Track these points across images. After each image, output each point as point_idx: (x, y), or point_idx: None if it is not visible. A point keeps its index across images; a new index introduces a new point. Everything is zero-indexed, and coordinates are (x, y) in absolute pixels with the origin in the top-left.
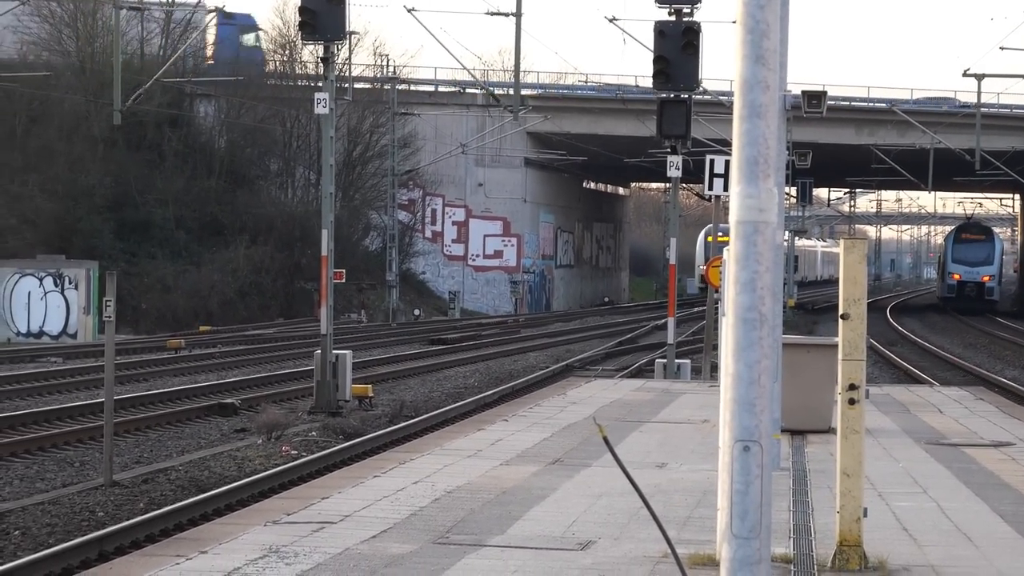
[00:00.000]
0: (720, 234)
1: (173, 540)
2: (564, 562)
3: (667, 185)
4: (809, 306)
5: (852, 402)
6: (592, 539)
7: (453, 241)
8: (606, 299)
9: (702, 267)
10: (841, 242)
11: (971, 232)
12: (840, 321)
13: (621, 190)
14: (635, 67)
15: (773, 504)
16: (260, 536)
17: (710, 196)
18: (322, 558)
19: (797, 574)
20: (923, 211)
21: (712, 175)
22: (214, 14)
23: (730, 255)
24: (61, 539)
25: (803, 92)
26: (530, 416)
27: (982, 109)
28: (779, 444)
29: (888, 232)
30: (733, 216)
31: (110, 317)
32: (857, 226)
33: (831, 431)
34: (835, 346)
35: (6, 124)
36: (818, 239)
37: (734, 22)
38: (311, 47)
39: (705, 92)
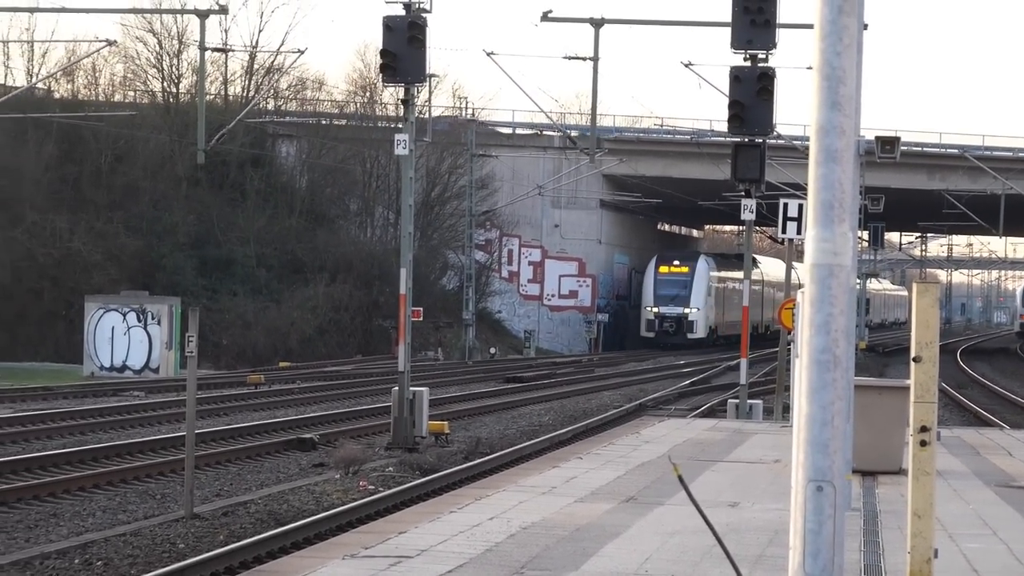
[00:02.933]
0: (673, 263)
1: (253, 572)
2: None
3: (741, 228)
4: (880, 348)
5: (923, 444)
6: None
7: (529, 281)
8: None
9: (649, 306)
10: (914, 286)
11: None
12: (912, 364)
13: (695, 232)
14: (710, 111)
15: (844, 544)
16: (338, 569)
17: (783, 239)
18: None
19: None
20: (994, 256)
21: (786, 218)
22: (296, 57)
23: (805, 298)
24: (142, 570)
25: (877, 138)
26: (604, 454)
27: None
28: (851, 485)
29: (959, 276)
30: (808, 259)
31: (192, 352)
32: (928, 270)
33: (901, 472)
34: (906, 388)
35: (92, 162)
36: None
37: (809, 68)
38: (391, 89)
39: (779, 136)
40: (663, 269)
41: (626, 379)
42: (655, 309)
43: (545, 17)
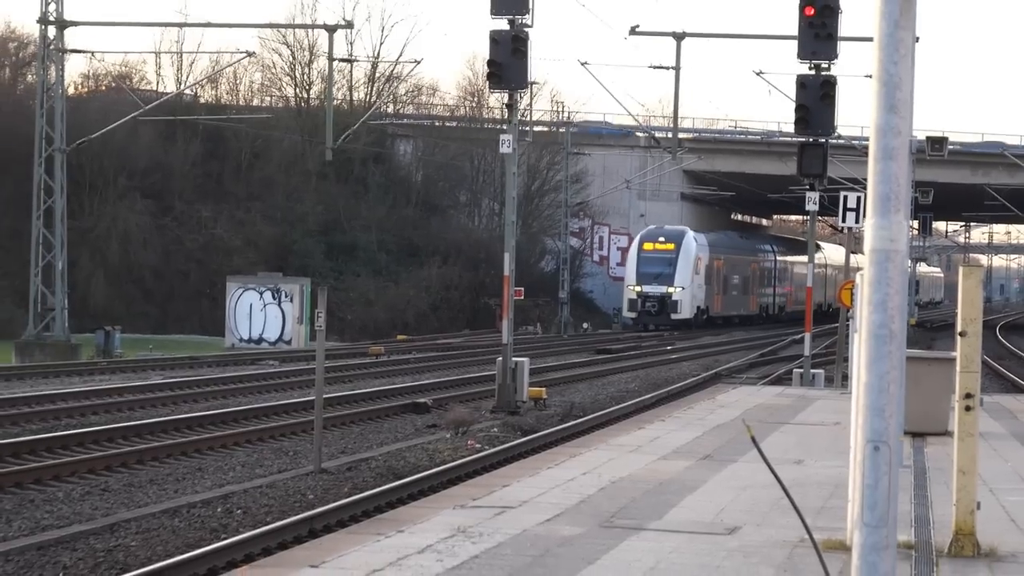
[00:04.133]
0: (658, 240)
1: (374, 520)
2: (713, 545)
3: (805, 217)
4: (928, 324)
5: (968, 409)
6: (738, 525)
7: (617, 264)
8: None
9: (632, 285)
10: (960, 269)
11: None
12: (958, 338)
13: (764, 221)
14: (778, 114)
15: (898, 497)
16: (449, 518)
17: (843, 227)
18: (503, 538)
19: (918, 559)
20: None
21: (846, 209)
22: (414, 66)
23: (864, 279)
24: (277, 518)
25: (927, 138)
26: (683, 417)
27: None
28: (903, 445)
29: (998, 261)
30: (868, 245)
31: (321, 326)
32: (971, 255)
33: (947, 434)
34: (952, 360)
35: (233, 159)
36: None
37: (868, 76)
38: (497, 95)
39: (839, 137)
40: (647, 246)
41: (702, 351)
42: (637, 288)
43: (633, 31)
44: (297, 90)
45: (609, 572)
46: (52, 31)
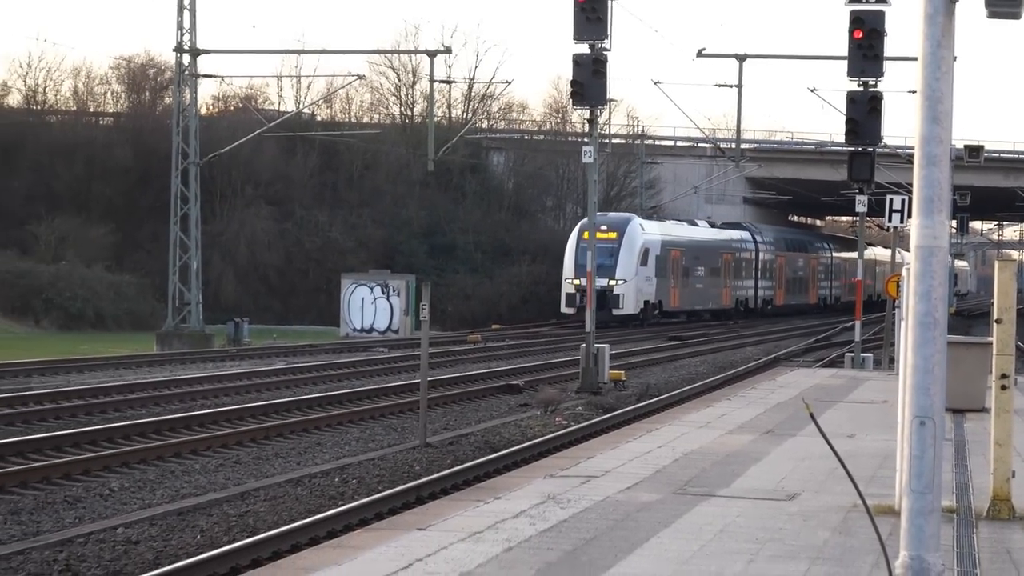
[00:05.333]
0: (600, 228)
1: (474, 488)
2: (775, 509)
3: (854, 218)
4: (965, 313)
5: (1004, 388)
6: (797, 492)
7: None
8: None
9: (569, 278)
10: (995, 263)
11: None
12: (995, 325)
13: (818, 222)
14: (830, 126)
15: (941, 467)
16: (541, 486)
17: (889, 227)
18: (589, 504)
19: (960, 522)
20: None
21: (891, 211)
22: (505, 86)
23: (911, 272)
24: (387, 486)
25: (965, 146)
26: (747, 396)
27: None
28: (945, 420)
29: None
30: (914, 242)
31: (425, 317)
32: (1004, 251)
33: (985, 410)
34: (989, 344)
35: (346, 170)
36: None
37: (912, 91)
38: (579, 111)
39: (885, 146)
40: (587, 236)
41: (763, 337)
42: (576, 281)
43: (700, 54)
44: (402, 108)
45: (683, 534)
46: (187, 58)
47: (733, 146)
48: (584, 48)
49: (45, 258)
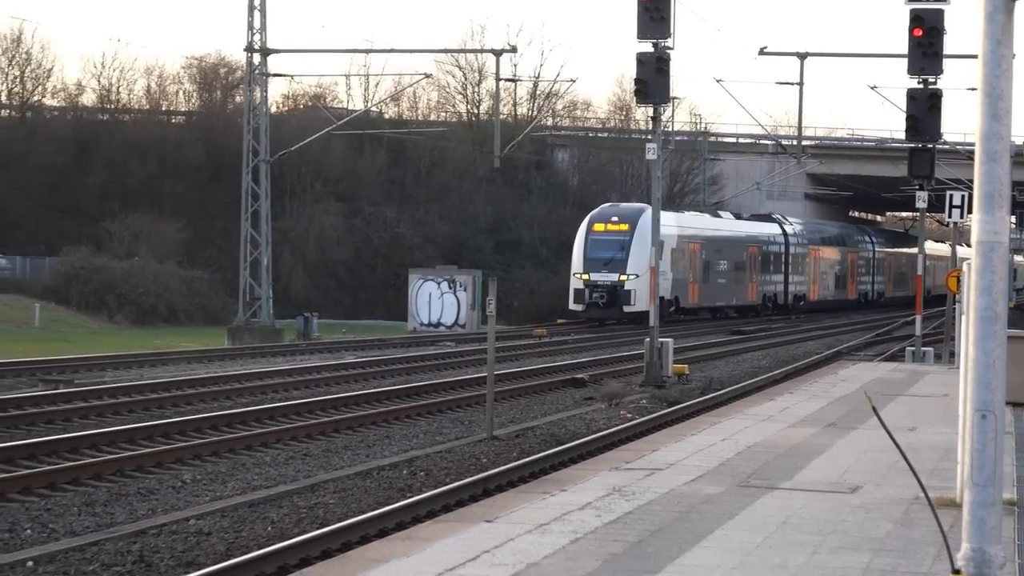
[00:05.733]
0: (611, 220)
1: (540, 481)
2: (838, 502)
3: (914, 214)
4: None
5: None
6: (859, 484)
7: None
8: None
9: (578, 273)
10: None
11: None
12: None
13: (878, 218)
14: (890, 123)
15: (1002, 459)
16: (606, 478)
17: (948, 222)
18: (653, 496)
19: (1021, 514)
20: None
21: (951, 206)
22: (569, 84)
23: (972, 268)
24: (455, 478)
25: None
26: (810, 390)
27: None
28: (1005, 413)
29: None
30: (975, 237)
31: (491, 312)
32: None
33: None
34: None
35: (413, 167)
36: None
37: (972, 89)
38: (643, 109)
39: (944, 142)
40: (598, 227)
41: (825, 332)
42: (585, 276)
43: (761, 52)
44: (468, 106)
45: (746, 526)
46: (257, 58)
47: (794, 143)
48: (648, 47)
49: (119, 254)
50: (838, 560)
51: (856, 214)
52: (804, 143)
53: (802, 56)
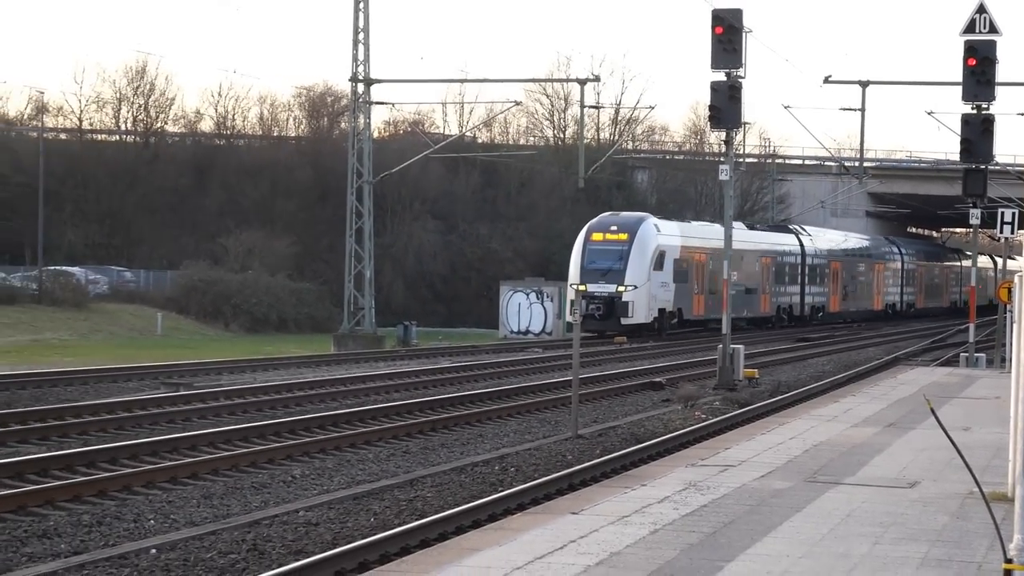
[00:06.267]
0: (610, 229)
1: (622, 476)
2: (898, 496)
3: (968, 230)
4: None
5: None
6: (918, 480)
7: None
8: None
9: (575, 284)
10: None
11: None
12: None
13: (934, 233)
14: (945, 145)
15: None
16: (682, 474)
17: (1000, 237)
18: (727, 490)
19: None
20: None
21: (1003, 223)
22: (649, 111)
23: (1022, 279)
24: (543, 473)
25: None
26: (870, 392)
27: None
28: None
29: None
30: None
31: (577, 320)
32: None
33: None
34: None
35: (504, 187)
36: None
37: (1022, 114)
38: (716, 133)
39: (996, 164)
40: (596, 237)
41: (884, 339)
42: (581, 287)
43: (826, 80)
44: (555, 131)
45: (813, 518)
46: (361, 88)
47: (856, 164)
48: (721, 76)
49: (234, 268)
50: (898, 550)
51: (913, 230)
52: (865, 164)
53: (864, 84)
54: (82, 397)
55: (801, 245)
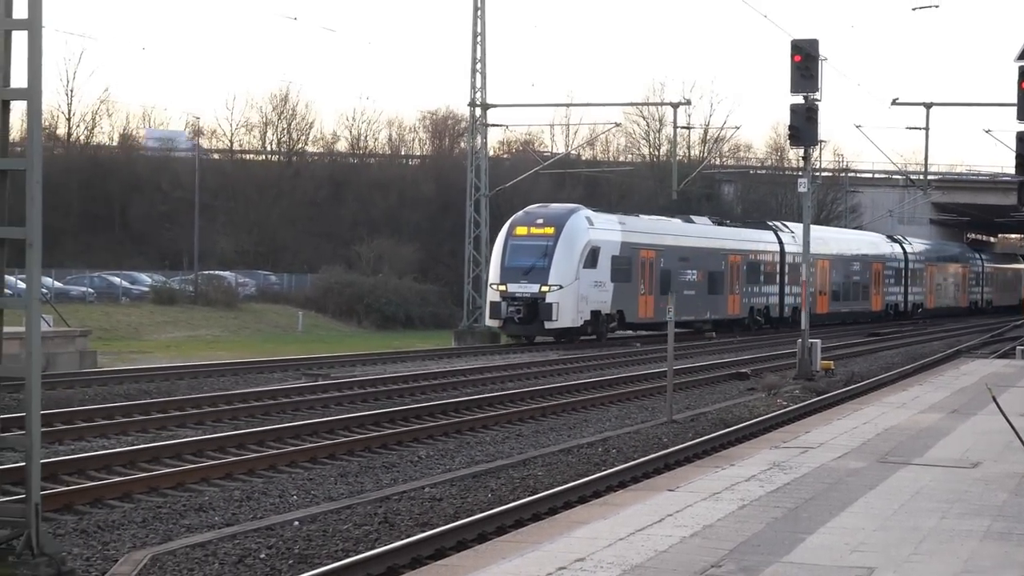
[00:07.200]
0: (535, 223)
1: (712, 457)
2: (961, 475)
3: (1022, 235)
4: None
5: None
6: (979, 461)
7: None
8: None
9: (495, 284)
10: None
11: None
12: None
13: (991, 239)
14: (1002, 160)
15: None
16: (767, 455)
17: None
18: (807, 470)
19: None
20: None
21: None
22: (734, 131)
23: None
24: (641, 455)
25: None
26: (935, 382)
27: None
28: None
29: None
30: None
31: (672, 318)
32: None
33: None
34: None
35: (605, 199)
36: None
37: None
38: (795, 150)
39: None
40: (520, 231)
41: (948, 334)
42: (502, 287)
43: (894, 102)
44: (650, 149)
45: (885, 495)
46: (478, 111)
47: (921, 177)
48: (799, 99)
49: (366, 271)
50: (962, 524)
51: (972, 236)
52: (929, 177)
53: (927, 105)
54: (233, 386)
55: (780, 243)
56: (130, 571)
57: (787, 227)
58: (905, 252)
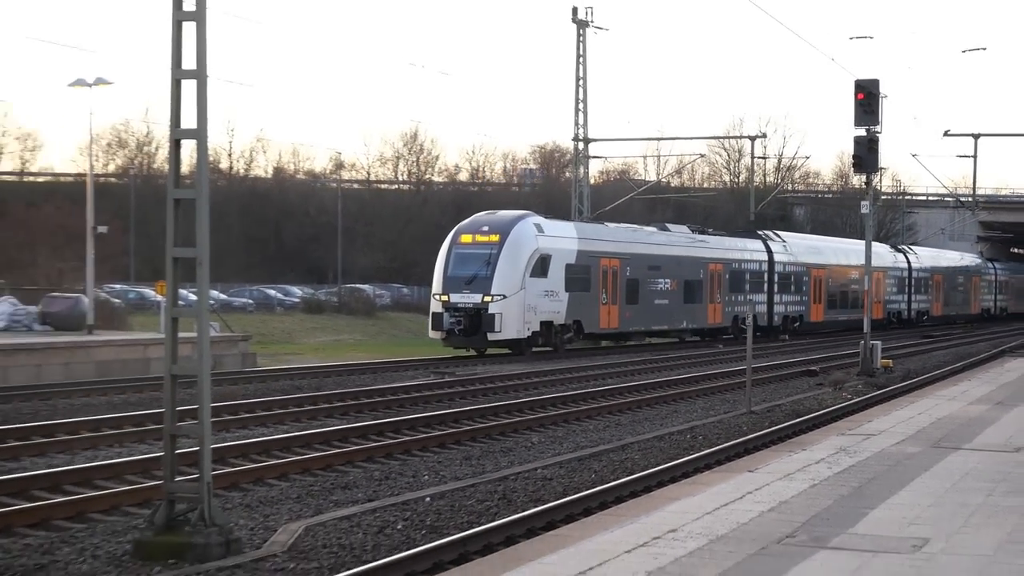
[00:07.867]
0: (481, 230)
1: (786, 443)
2: (1006, 458)
3: None
4: None
5: None
6: (1022, 446)
7: None
8: None
9: (437, 294)
10: None
11: None
12: None
13: None
14: None
15: None
16: (833, 441)
17: None
18: (869, 454)
19: None
20: None
21: None
22: (804, 160)
23: None
24: (724, 441)
25: None
26: (982, 377)
27: None
28: None
29: None
30: None
31: (749, 324)
32: None
33: None
34: None
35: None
36: None
37: None
38: (858, 176)
39: None
40: (464, 239)
41: (992, 335)
42: (444, 297)
43: (946, 134)
44: (731, 177)
45: (938, 475)
46: (581, 145)
47: (970, 199)
48: (862, 131)
49: None
50: (1007, 500)
51: (1016, 251)
52: (977, 198)
53: (976, 136)
54: (372, 383)
55: (769, 252)
56: (287, 539)
57: (778, 236)
58: (909, 262)
